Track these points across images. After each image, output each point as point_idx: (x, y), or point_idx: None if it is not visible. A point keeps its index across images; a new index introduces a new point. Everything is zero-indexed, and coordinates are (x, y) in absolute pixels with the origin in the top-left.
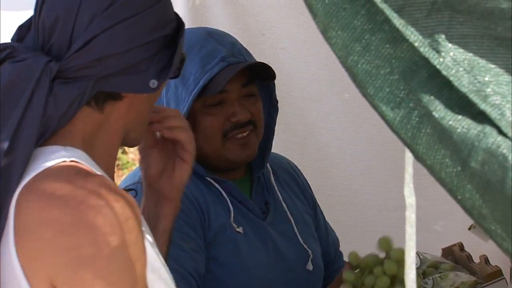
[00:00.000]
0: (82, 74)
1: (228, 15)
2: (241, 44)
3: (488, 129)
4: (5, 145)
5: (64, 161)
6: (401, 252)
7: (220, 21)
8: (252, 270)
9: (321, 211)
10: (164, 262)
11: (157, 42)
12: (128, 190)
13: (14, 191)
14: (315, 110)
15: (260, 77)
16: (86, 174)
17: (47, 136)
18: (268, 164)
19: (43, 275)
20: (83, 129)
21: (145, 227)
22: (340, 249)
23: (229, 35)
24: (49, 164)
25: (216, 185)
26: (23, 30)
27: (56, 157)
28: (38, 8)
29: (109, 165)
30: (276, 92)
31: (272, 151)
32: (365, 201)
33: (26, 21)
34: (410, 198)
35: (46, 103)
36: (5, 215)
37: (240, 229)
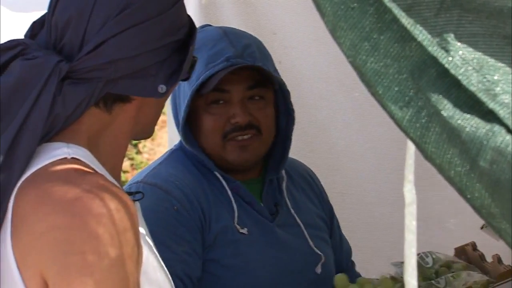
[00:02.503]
0: (92, 75)
1: (239, 14)
2: (260, 48)
3: (497, 128)
4: (9, 141)
5: (65, 158)
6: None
7: (231, 21)
8: (256, 271)
9: (337, 220)
10: (163, 264)
11: (168, 47)
12: (136, 192)
13: (14, 186)
14: (325, 108)
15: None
16: (84, 173)
17: (53, 133)
18: (284, 169)
19: (35, 269)
20: (89, 128)
21: (144, 229)
22: (351, 246)
23: (249, 36)
24: (51, 160)
25: (224, 182)
26: (36, 27)
27: (58, 153)
28: (52, 6)
29: (115, 165)
30: None
31: None
32: (374, 198)
33: (40, 18)
34: (410, 206)
35: (53, 102)
36: (5, 208)
37: (244, 230)
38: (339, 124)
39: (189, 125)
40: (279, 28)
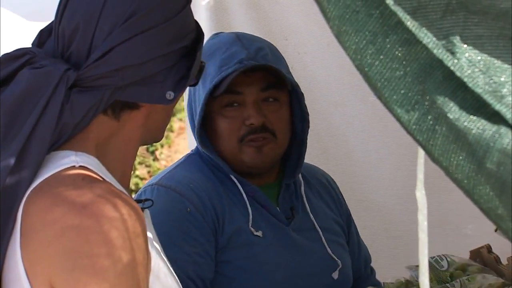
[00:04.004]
0: (100, 83)
1: (251, 20)
2: (272, 50)
3: (503, 129)
4: (18, 150)
5: (74, 166)
6: None
7: (243, 26)
8: (270, 274)
9: (356, 227)
10: (171, 270)
11: (175, 53)
12: (145, 200)
13: (23, 195)
14: (339, 114)
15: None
16: (92, 180)
17: (62, 141)
18: (300, 174)
19: (43, 277)
20: (97, 136)
21: (152, 234)
22: (367, 254)
23: (262, 40)
24: (59, 169)
25: (239, 186)
26: (44, 35)
27: (67, 162)
28: (59, 15)
29: (124, 172)
30: None
31: None
32: (389, 205)
33: (47, 26)
34: (421, 204)
35: (61, 111)
36: (14, 217)
37: (259, 233)
38: (355, 130)
39: (205, 129)
40: (291, 33)
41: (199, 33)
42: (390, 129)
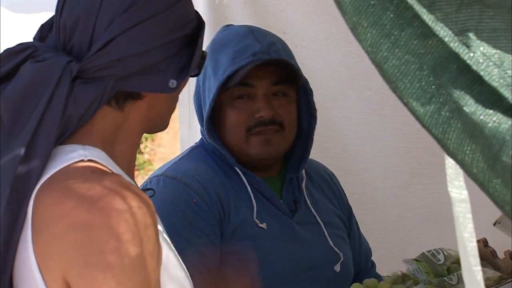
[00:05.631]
0: (102, 74)
1: (248, 13)
2: (284, 46)
3: None
4: (25, 144)
5: (82, 160)
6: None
7: (241, 20)
8: (273, 265)
9: (356, 221)
10: (181, 262)
11: (176, 42)
12: (146, 189)
13: (33, 189)
14: (336, 107)
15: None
16: (102, 173)
17: (67, 135)
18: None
19: (57, 271)
20: (102, 128)
21: (161, 226)
22: (368, 248)
23: (273, 35)
24: (67, 163)
25: (244, 178)
26: (45, 29)
27: (75, 156)
28: (59, 8)
29: (129, 164)
30: None
31: None
32: (385, 199)
33: (48, 20)
34: (456, 180)
35: (66, 103)
36: (24, 213)
37: (263, 225)
38: (351, 124)
39: (211, 120)
40: (289, 27)
41: (200, 22)
42: (386, 123)
